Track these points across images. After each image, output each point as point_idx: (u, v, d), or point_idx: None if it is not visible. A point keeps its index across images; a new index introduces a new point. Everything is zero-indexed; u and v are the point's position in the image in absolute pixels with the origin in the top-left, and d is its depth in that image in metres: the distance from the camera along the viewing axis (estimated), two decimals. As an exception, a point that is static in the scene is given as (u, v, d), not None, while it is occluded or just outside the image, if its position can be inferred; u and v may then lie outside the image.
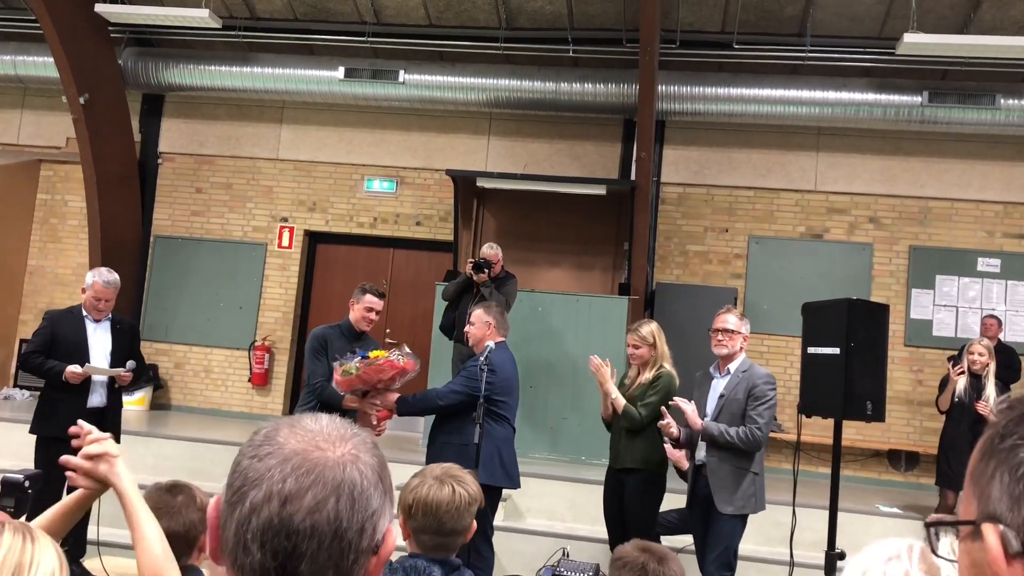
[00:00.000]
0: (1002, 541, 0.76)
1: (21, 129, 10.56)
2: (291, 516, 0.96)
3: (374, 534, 1.00)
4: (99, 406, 5.62)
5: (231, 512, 0.99)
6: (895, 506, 7.21)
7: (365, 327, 5.50)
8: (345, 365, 4.93)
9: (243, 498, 0.98)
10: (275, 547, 0.96)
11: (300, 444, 1.00)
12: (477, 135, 9.81)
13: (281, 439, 1.01)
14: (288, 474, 0.98)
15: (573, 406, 7.88)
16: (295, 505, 0.96)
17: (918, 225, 9.15)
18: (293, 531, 0.96)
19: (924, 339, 8.98)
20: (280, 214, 10.11)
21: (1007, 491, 0.76)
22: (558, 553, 6.19)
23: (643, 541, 2.48)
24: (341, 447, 1.01)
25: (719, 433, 4.85)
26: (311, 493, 0.97)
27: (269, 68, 9.47)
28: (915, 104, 8.53)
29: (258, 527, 0.97)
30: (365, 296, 5.49)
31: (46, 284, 10.37)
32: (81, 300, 5.73)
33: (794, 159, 9.33)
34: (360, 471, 1.00)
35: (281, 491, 0.97)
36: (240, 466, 1.01)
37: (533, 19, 9.16)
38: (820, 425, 7.61)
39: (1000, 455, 0.78)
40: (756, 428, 4.80)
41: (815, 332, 4.94)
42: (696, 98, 8.85)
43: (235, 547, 0.98)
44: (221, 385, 9.98)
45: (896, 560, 1.20)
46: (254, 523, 0.97)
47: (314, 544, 0.96)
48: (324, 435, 1.02)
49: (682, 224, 9.44)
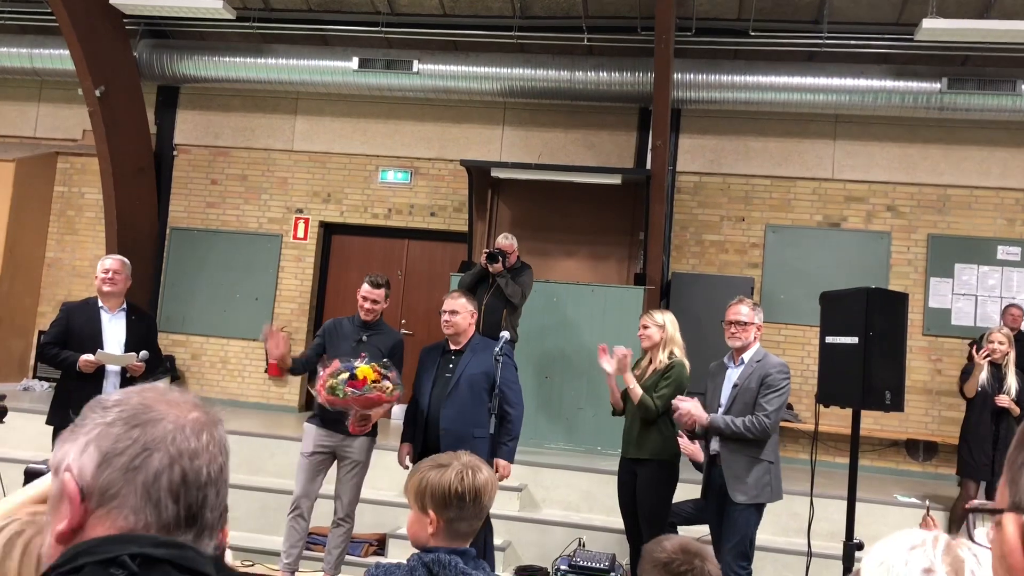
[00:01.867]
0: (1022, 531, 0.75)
1: (38, 122, 10.62)
2: (199, 469, 1.11)
3: None
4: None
5: (132, 477, 1.09)
6: (914, 496, 7.16)
7: (365, 316, 5.54)
8: (333, 381, 4.90)
9: (150, 457, 1.10)
10: (191, 499, 1.10)
11: (180, 411, 1.16)
12: (491, 125, 9.78)
13: (156, 411, 1.15)
14: (189, 436, 1.13)
15: (589, 396, 7.87)
16: (202, 460, 1.12)
17: (937, 213, 9.06)
18: (204, 483, 1.11)
19: (943, 328, 8.91)
20: (295, 205, 10.13)
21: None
22: (574, 543, 6.21)
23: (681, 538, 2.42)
24: (206, 409, 1.19)
25: (725, 425, 4.85)
26: (212, 448, 1.14)
27: (283, 59, 9.46)
28: (934, 91, 8.43)
29: (169, 482, 1.09)
30: (362, 287, 5.56)
31: (64, 276, 10.44)
32: (94, 292, 5.75)
33: (811, 147, 9.26)
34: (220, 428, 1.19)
35: (188, 449, 1.12)
36: (133, 432, 1.11)
37: (547, 8, 9.11)
38: (837, 415, 7.55)
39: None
40: (764, 416, 4.78)
41: (833, 321, 4.91)
42: (712, 86, 8.79)
43: (143, 505, 1.08)
44: (238, 376, 10.02)
45: (920, 549, 1.18)
46: (164, 480, 1.09)
47: (213, 492, 1.13)
48: (187, 401, 1.20)
49: (698, 213, 9.39)
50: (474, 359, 5.19)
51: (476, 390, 5.11)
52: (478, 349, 5.24)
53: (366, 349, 5.32)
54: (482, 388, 5.12)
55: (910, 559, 1.17)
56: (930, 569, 1.16)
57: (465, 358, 5.21)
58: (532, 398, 7.84)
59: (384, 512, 6.53)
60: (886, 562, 1.19)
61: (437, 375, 5.26)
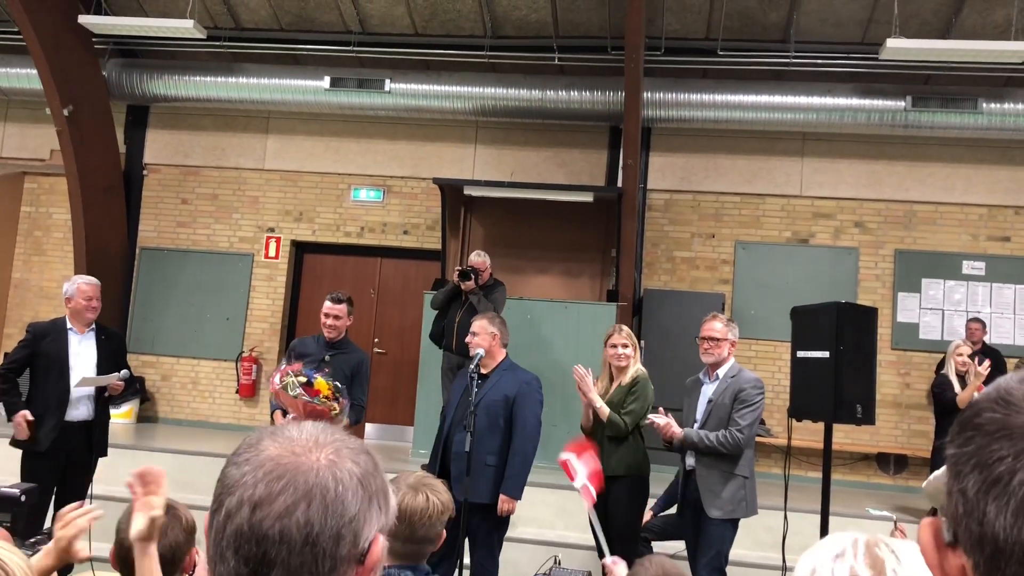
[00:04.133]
0: (936, 533, 0.79)
1: (4, 141, 10.49)
2: (260, 522, 0.95)
3: (355, 541, 0.98)
4: (86, 419, 5.57)
5: (211, 520, 0.99)
6: (885, 509, 7.23)
7: (328, 333, 5.52)
8: (289, 379, 4.89)
9: (220, 506, 0.98)
10: (246, 554, 0.95)
11: (276, 450, 0.99)
12: (464, 143, 9.81)
13: (261, 446, 1.00)
14: (260, 479, 0.96)
15: (563, 413, 7.87)
16: (264, 511, 0.95)
17: (903, 229, 9.21)
18: (262, 537, 0.94)
19: (911, 342, 9.03)
20: (266, 224, 10.08)
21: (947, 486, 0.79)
22: (550, 561, 6.19)
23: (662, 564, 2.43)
24: (318, 452, 0.99)
25: (699, 439, 4.87)
26: (281, 498, 0.95)
27: (254, 78, 9.44)
28: (899, 109, 8.59)
29: (231, 534, 0.96)
30: (325, 304, 5.53)
31: (31, 297, 10.30)
32: (65, 313, 5.67)
33: (779, 164, 9.38)
34: (336, 476, 0.98)
35: (252, 497, 0.96)
36: (221, 474, 1.01)
37: (518, 27, 9.18)
38: (809, 429, 7.62)
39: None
40: (737, 431, 4.81)
41: (804, 336, 4.96)
42: (681, 105, 8.88)
43: (213, 555, 0.98)
44: (208, 397, 9.92)
45: (842, 558, 1.22)
46: (228, 530, 0.96)
47: (284, 550, 0.94)
48: (302, 441, 1.01)
49: (669, 230, 9.46)
50: (497, 385, 5.09)
51: (493, 417, 5.02)
52: (504, 375, 5.14)
53: (330, 369, 5.27)
54: (499, 415, 5.03)
55: (836, 568, 1.20)
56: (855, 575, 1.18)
57: (489, 383, 5.10)
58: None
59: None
60: (816, 572, 1.22)
61: (462, 398, 5.16)
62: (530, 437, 5.08)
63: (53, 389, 5.46)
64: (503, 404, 5.04)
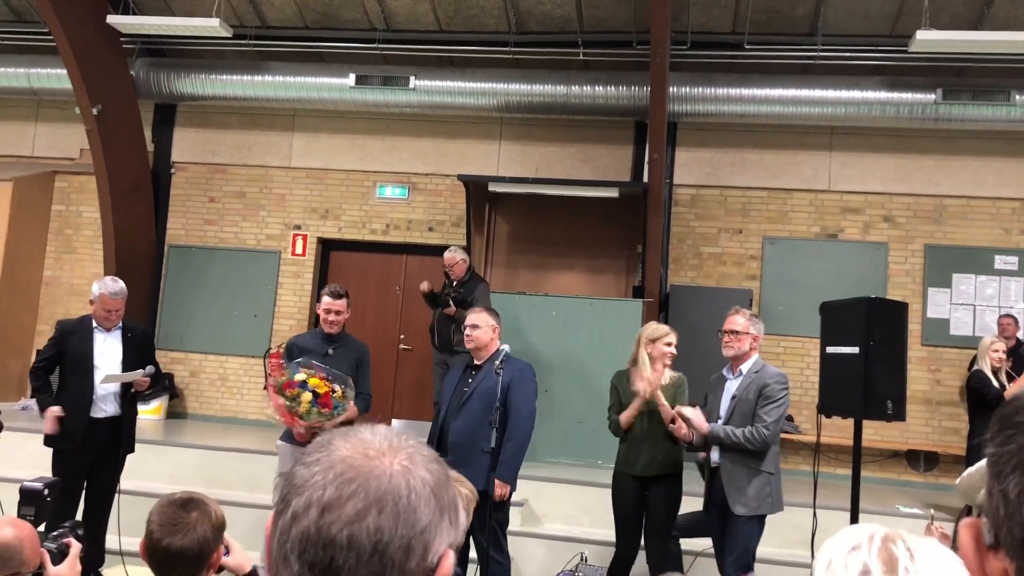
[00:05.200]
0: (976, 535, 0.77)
1: (36, 141, 10.62)
2: (328, 526, 0.90)
3: (424, 554, 0.92)
4: (113, 415, 5.63)
5: (276, 521, 0.95)
6: (916, 506, 7.15)
7: (329, 329, 5.53)
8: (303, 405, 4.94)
9: (287, 506, 0.93)
10: (311, 559, 0.90)
11: (348, 452, 0.95)
12: (488, 140, 9.80)
13: (333, 446, 0.96)
14: (330, 482, 0.92)
15: (589, 410, 7.84)
16: (333, 515, 0.90)
17: (933, 223, 9.08)
18: (329, 542, 0.90)
19: (941, 338, 8.91)
20: (293, 222, 10.13)
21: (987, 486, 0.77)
22: (576, 558, 6.18)
23: None
24: (392, 457, 0.95)
25: (725, 435, 4.86)
26: (351, 503, 0.91)
27: (280, 76, 9.49)
28: (929, 102, 8.47)
29: (296, 537, 0.91)
30: (322, 299, 5.55)
31: (62, 294, 10.42)
32: (91, 310, 5.74)
33: (807, 159, 9.28)
34: (409, 484, 0.93)
35: (320, 499, 0.91)
36: (289, 473, 0.97)
37: (542, 23, 9.15)
38: (837, 426, 7.55)
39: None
40: (763, 427, 4.77)
41: (834, 331, 4.91)
42: (708, 99, 8.82)
43: (276, 558, 0.93)
44: (237, 393, 9.99)
45: (856, 551, 1.20)
46: (293, 532, 0.91)
47: (352, 558, 0.89)
48: (376, 444, 0.96)
49: (695, 226, 9.40)
50: (491, 373, 5.14)
51: (488, 404, 5.06)
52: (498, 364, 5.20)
53: (334, 362, 5.35)
54: (495, 402, 5.06)
55: (849, 562, 1.18)
56: (867, 571, 1.16)
57: (482, 372, 5.19)
58: (532, 412, 7.81)
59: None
60: (832, 564, 1.20)
61: (456, 389, 5.26)
62: (524, 423, 5.09)
63: (79, 386, 5.53)
64: (498, 392, 5.06)
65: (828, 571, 1.20)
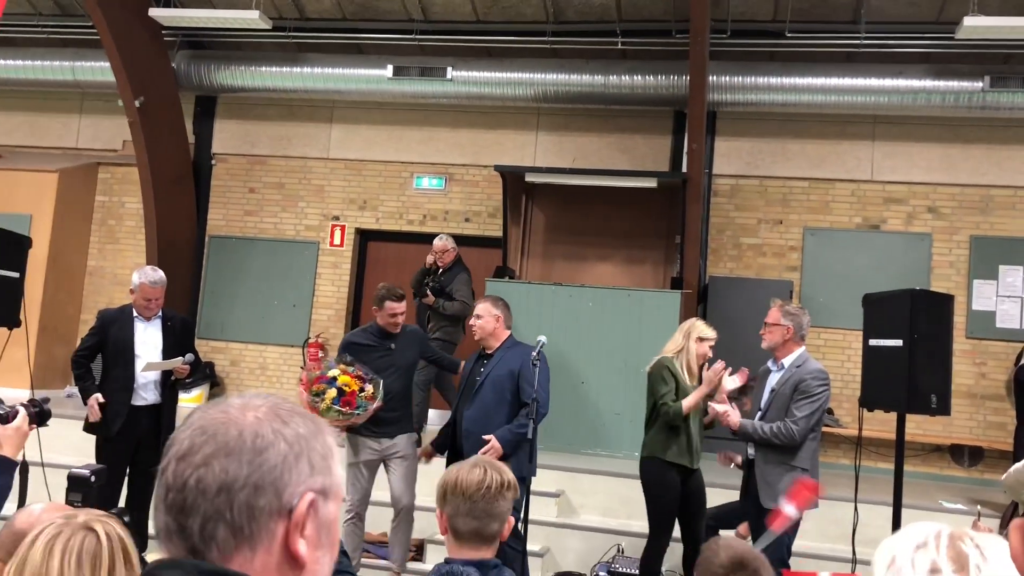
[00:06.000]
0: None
1: (80, 133, 10.80)
2: (183, 472, 1.00)
3: (278, 494, 1.00)
4: (154, 403, 5.72)
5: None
6: (959, 502, 7.03)
7: (394, 330, 5.64)
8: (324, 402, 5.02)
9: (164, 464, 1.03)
10: (170, 502, 1.00)
11: (212, 411, 1.04)
12: (525, 130, 9.78)
13: (202, 409, 1.06)
14: (188, 436, 1.02)
15: (625, 402, 7.82)
16: (187, 462, 1.00)
17: (979, 214, 8.90)
18: (182, 485, 0.99)
19: (987, 331, 8.73)
20: (331, 213, 10.20)
21: None
22: (613, 549, 6.17)
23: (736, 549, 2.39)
24: (247, 412, 1.03)
25: (753, 430, 4.85)
26: (203, 450, 1.00)
27: (319, 68, 9.55)
28: (976, 90, 8.29)
29: (161, 487, 1.02)
30: (385, 304, 5.55)
31: (105, 284, 10.60)
32: (132, 300, 5.82)
33: (849, 148, 9.14)
34: (258, 432, 1.01)
35: (179, 451, 1.02)
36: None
37: (581, 12, 9.10)
38: (879, 420, 7.44)
39: None
40: (793, 423, 4.72)
41: (876, 324, 4.84)
42: (748, 88, 8.71)
43: (155, 513, 1.03)
44: (276, 382, 10.10)
45: (923, 549, 1.17)
46: (160, 484, 1.02)
47: (200, 497, 0.98)
48: (237, 404, 1.05)
49: (735, 216, 9.31)
50: (501, 361, 5.20)
51: (499, 391, 5.11)
52: (508, 351, 5.25)
53: (398, 355, 5.56)
54: (505, 389, 5.11)
55: (916, 559, 1.16)
56: (936, 569, 1.14)
57: (493, 360, 5.23)
58: (567, 403, 7.81)
59: (422, 518, 6.52)
60: (895, 562, 1.18)
61: (468, 378, 5.33)
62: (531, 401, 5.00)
63: (120, 375, 5.63)
64: (508, 378, 5.11)
65: (891, 569, 1.18)
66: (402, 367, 5.59)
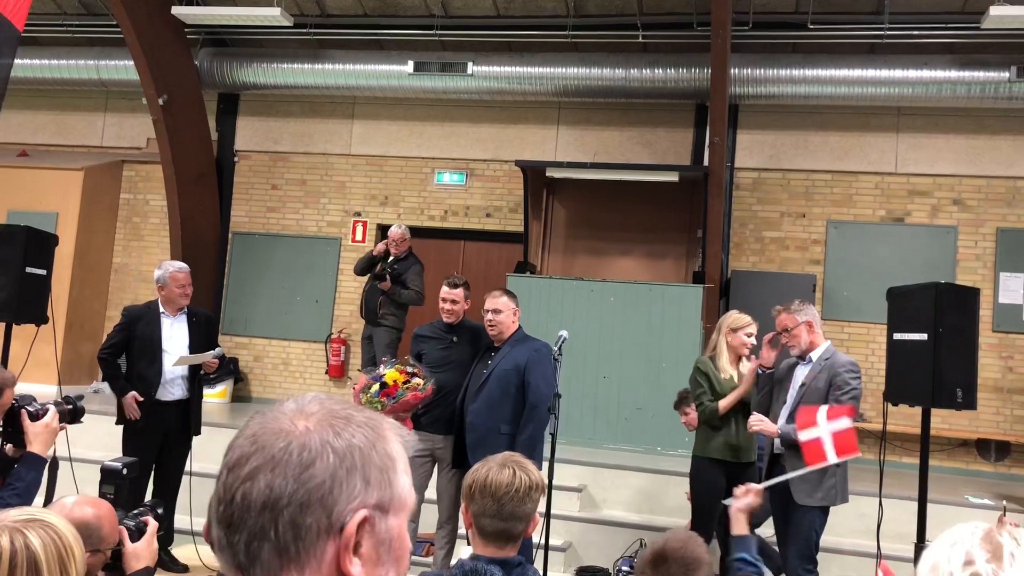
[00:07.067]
0: None
1: (104, 131, 10.91)
2: (231, 485, 0.94)
3: (327, 512, 0.93)
4: (181, 398, 5.78)
5: None
6: (986, 497, 6.96)
7: (447, 318, 5.53)
8: (366, 397, 5.02)
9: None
10: (219, 516, 0.95)
11: (267, 419, 0.98)
12: (546, 125, 9.77)
13: (259, 415, 1.00)
14: (239, 445, 0.97)
15: (648, 396, 7.80)
16: (235, 474, 0.94)
17: (1006, 206, 8.80)
18: (230, 500, 0.94)
19: (1014, 324, 8.64)
20: (353, 208, 10.24)
21: None
22: (636, 544, 6.17)
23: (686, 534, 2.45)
24: (299, 421, 0.97)
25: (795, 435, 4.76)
26: (250, 463, 0.94)
27: (340, 64, 9.58)
28: (1002, 80, 8.19)
29: (214, 497, 0.96)
30: (442, 289, 5.56)
31: (130, 281, 10.70)
32: (157, 296, 5.87)
33: (873, 141, 9.06)
34: (305, 444, 0.94)
35: (229, 461, 0.96)
36: None
37: (601, 6, 9.07)
38: (903, 414, 7.39)
39: None
40: None
41: (901, 318, 4.80)
42: (770, 81, 8.66)
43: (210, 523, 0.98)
44: (299, 377, 10.17)
45: (959, 544, 1.18)
46: (214, 493, 0.97)
47: (246, 514, 0.93)
48: (293, 410, 0.99)
49: (757, 210, 9.25)
50: (509, 355, 5.12)
51: (505, 385, 5.04)
52: (516, 345, 5.17)
53: (459, 350, 5.41)
54: (511, 383, 5.04)
55: (952, 556, 1.18)
56: (970, 560, 1.16)
57: (500, 354, 5.15)
58: (590, 398, 7.81)
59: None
60: (936, 565, 1.19)
61: (475, 371, 5.25)
62: (540, 402, 4.94)
63: (147, 370, 5.69)
64: (514, 373, 5.03)
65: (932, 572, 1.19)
66: (461, 361, 5.41)
